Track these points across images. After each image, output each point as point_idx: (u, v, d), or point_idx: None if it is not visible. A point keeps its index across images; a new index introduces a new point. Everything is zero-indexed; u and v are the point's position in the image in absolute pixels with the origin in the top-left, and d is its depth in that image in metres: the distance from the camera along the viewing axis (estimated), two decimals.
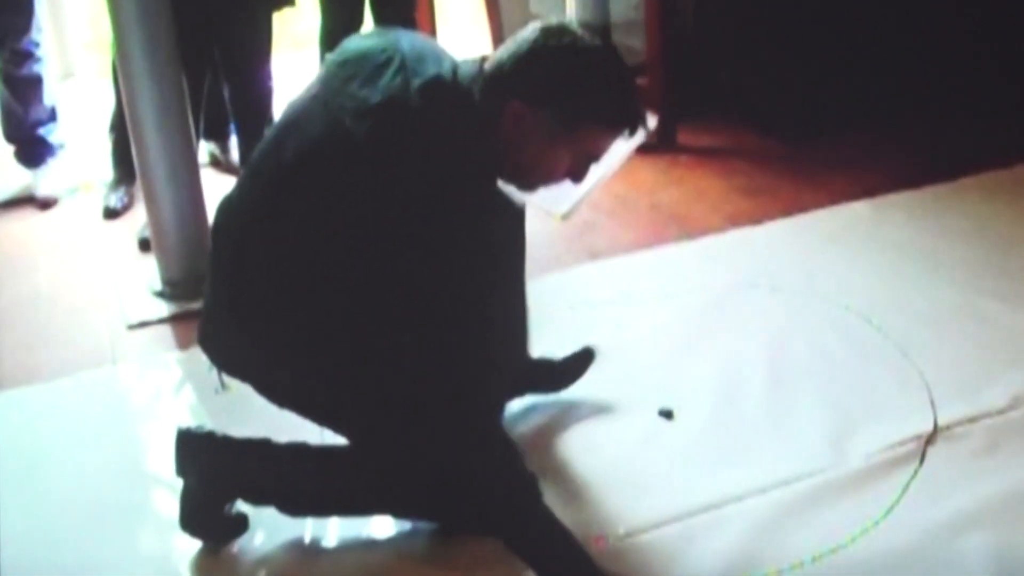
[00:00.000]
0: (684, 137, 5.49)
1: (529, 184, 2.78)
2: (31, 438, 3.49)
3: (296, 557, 2.94)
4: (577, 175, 2.75)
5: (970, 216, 4.50)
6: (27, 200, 5.24)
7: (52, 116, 5.32)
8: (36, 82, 5.19)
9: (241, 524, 2.96)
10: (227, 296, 2.83)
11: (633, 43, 5.56)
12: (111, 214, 5.07)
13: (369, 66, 2.66)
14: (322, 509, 2.97)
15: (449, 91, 2.62)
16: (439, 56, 2.72)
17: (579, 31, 2.65)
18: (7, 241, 4.91)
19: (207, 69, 4.83)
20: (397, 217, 2.53)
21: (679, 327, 3.85)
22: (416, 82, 2.58)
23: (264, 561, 2.93)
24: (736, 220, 4.63)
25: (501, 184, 2.75)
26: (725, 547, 2.84)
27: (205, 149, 5.29)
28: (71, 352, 3.94)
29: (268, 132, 2.90)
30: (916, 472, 3.06)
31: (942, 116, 5.42)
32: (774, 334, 3.75)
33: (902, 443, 3.16)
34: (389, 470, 2.84)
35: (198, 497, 2.93)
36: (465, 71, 2.67)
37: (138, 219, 4.74)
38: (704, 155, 5.38)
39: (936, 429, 3.21)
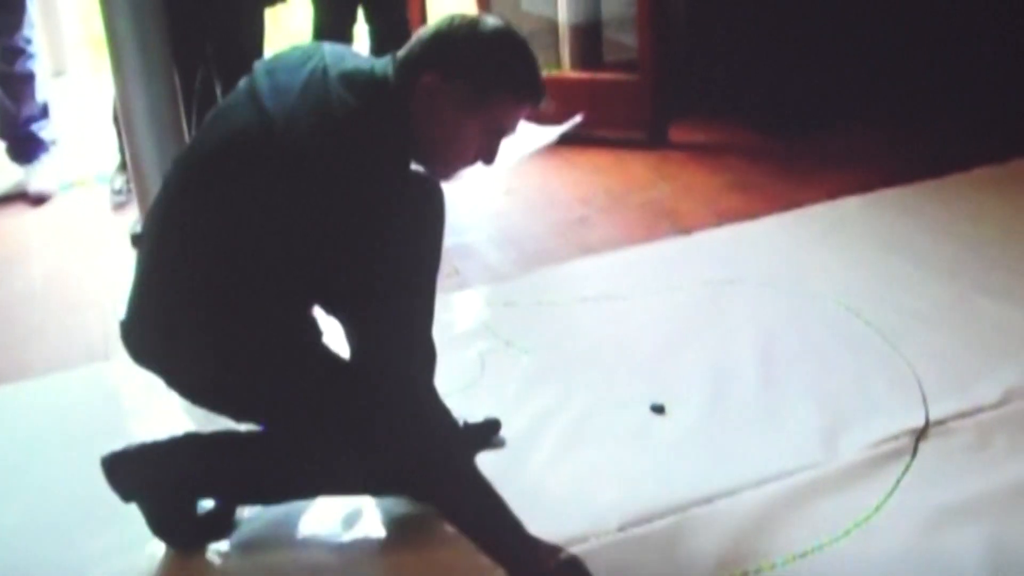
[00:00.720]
0: (676, 133, 5.50)
1: (444, 165, 2.78)
2: (24, 433, 3.50)
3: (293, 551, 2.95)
4: (489, 154, 2.76)
5: (962, 212, 4.51)
6: (20, 196, 5.26)
7: (44, 113, 5.33)
8: (28, 79, 5.20)
9: (224, 521, 2.98)
10: (146, 293, 2.80)
11: (625, 39, 5.58)
12: (118, 194, 5.10)
13: (291, 63, 2.73)
14: (260, 495, 2.98)
15: (365, 78, 2.64)
16: (359, 56, 2.80)
17: (475, 14, 2.76)
18: (0, 238, 4.92)
19: (199, 64, 4.83)
20: (313, 202, 2.53)
21: (671, 322, 3.86)
22: (334, 72, 2.63)
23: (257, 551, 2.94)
24: (728, 216, 4.64)
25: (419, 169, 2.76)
26: (717, 541, 2.84)
27: None
28: (64, 348, 3.94)
29: (192, 137, 2.90)
30: (908, 466, 3.06)
31: (933, 112, 5.43)
32: (766, 329, 3.76)
33: (894, 438, 3.16)
34: (315, 448, 2.82)
35: (159, 510, 2.94)
36: (381, 64, 2.70)
37: (131, 215, 4.74)
38: (696, 151, 5.39)
39: (928, 424, 3.22)
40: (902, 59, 5.46)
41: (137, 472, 2.93)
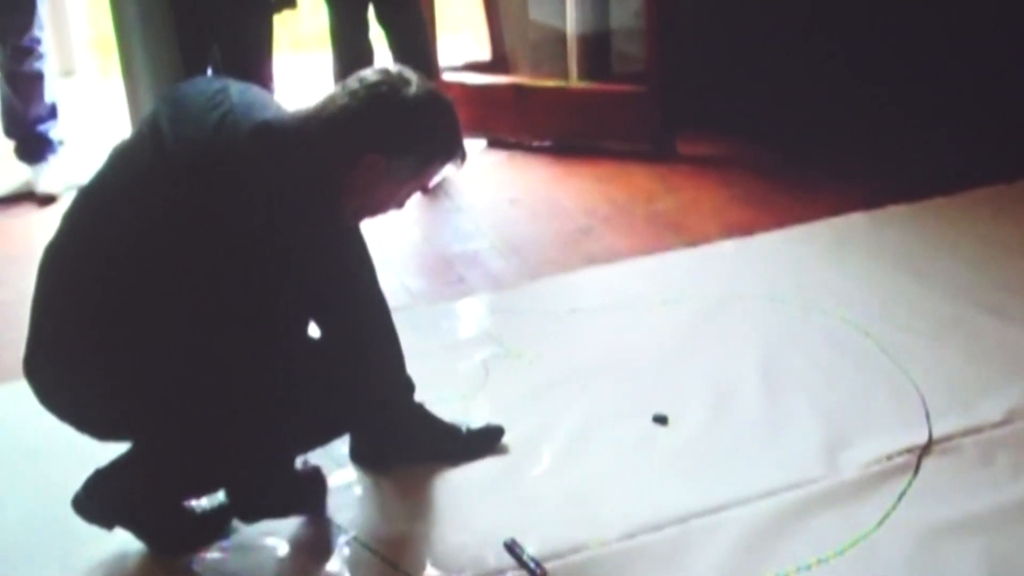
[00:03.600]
0: (682, 146, 5.50)
1: (367, 218, 2.89)
2: (31, 430, 3.49)
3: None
4: (403, 204, 2.91)
5: (968, 230, 4.51)
6: (27, 196, 5.25)
7: (52, 113, 5.33)
8: (37, 79, 5.20)
9: (219, 522, 2.99)
10: (51, 332, 2.82)
11: (633, 51, 5.58)
12: None
13: (197, 109, 2.73)
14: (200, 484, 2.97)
15: (277, 133, 2.68)
16: (266, 104, 2.81)
17: (404, 75, 2.77)
18: (7, 237, 4.92)
19: (207, 69, 4.83)
20: (227, 243, 2.57)
21: (674, 334, 3.86)
22: (245, 125, 2.65)
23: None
24: (733, 229, 4.64)
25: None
26: (718, 554, 2.85)
27: None
28: None
29: (95, 173, 2.89)
30: (910, 483, 3.06)
31: (942, 130, 5.43)
32: (769, 344, 3.76)
33: (897, 454, 3.17)
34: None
35: (142, 527, 2.95)
36: (294, 117, 2.75)
37: None
38: (703, 164, 5.39)
39: (931, 441, 3.22)
40: (912, 76, 5.47)
41: (105, 499, 2.93)
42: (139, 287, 2.63)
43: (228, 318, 2.62)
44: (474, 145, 5.22)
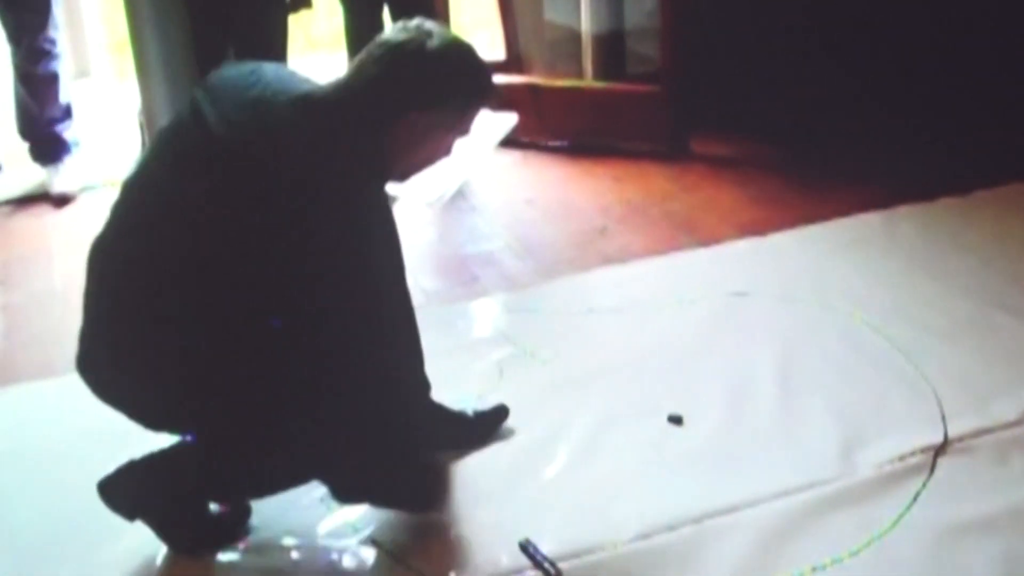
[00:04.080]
0: (697, 145, 5.49)
1: (415, 174, 2.96)
2: (46, 431, 3.51)
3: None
4: (450, 152, 2.96)
5: (983, 229, 4.50)
6: (42, 197, 5.26)
7: (67, 114, 5.34)
8: (52, 80, 5.21)
9: (237, 523, 3.00)
10: (107, 326, 2.83)
11: (647, 51, 5.58)
12: None
13: (235, 89, 2.77)
14: (246, 489, 2.98)
15: (318, 104, 2.74)
16: (300, 80, 2.87)
17: (424, 27, 2.83)
18: (22, 238, 4.94)
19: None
20: (280, 227, 2.59)
21: (689, 334, 3.86)
22: (284, 100, 2.72)
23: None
24: (748, 229, 4.63)
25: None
26: (734, 554, 2.85)
27: None
28: None
29: (135, 164, 2.92)
30: (926, 483, 3.06)
31: (957, 128, 5.41)
32: (784, 343, 3.76)
33: (912, 454, 3.16)
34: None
35: (168, 522, 2.95)
36: (329, 89, 2.79)
37: None
38: (717, 163, 5.38)
39: (946, 441, 3.22)
40: (927, 74, 5.46)
41: (133, 490, 2.93)
42: (192, 274, 2.65)
43: (282, 300, 2.64)
44: (488, 145, 5.22)
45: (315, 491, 3.03)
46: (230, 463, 2.87)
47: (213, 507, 3.04)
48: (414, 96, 2.76)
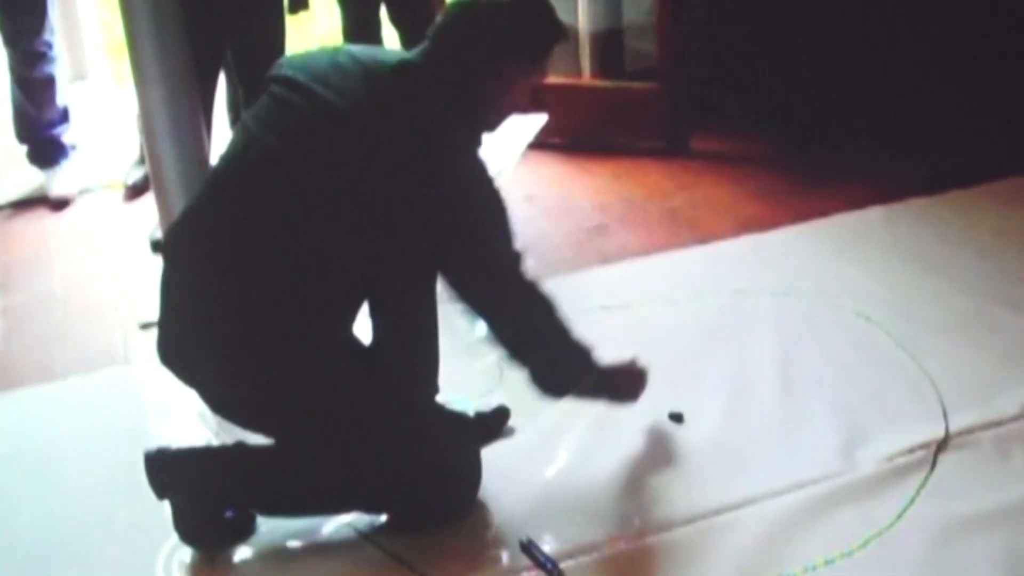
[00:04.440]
0: (697, 142, 5.49)
1: (500, 124, 3.08)
2: (46, 435, 3.51)
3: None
4: (529, 99, 3.08)
5: (985, 224, 4.50)
6: (40, 200, 5.27)
7: (64, 117, 5.34)
8: (49, 83, 5.21)
9: (246, 525, 2.98)
10: (196, 310, 2.83)
11: (646, 47, 5.57)
12: (135, 190, 5.13)
13: (327, 66, 2.87)
14: (297, 507, 2.99)
15: (416, 70, 2.88)
16: (386, 53, 3.06)
17: None
18: (21, 241, 4.94)
19: (218, 74, 4.83)
20: (411, 186, 2.73)
21: (690, 331, 3.86)
22: (383, 70, 2.85)
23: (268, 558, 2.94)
24: (748, 225, 4.63)
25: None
26: (736, 551, 2.84)
27: None
28: (84, 351, 3.96)
29: (227, 148, 2.95)
30: (927, 479, 3.05)
31: (958, 123, 5.41)
32: (786, 339, 3.75)
33: (913, 450, 3.15)
34: (375, 465, 2.90)
35: (188, 512, 2.94)
36: (420, 55, 2.93)
37: (151, 220, 4.75)
38: (716, 160, 5.38)
39: (948, 436, 3.21)
40: (928, 70, 5.45)
41: (176, 473, 2.94)
42: (308, 245, 2.73)
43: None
44: (520, 144, 5.22)
45: None
46: (289, 477, 2.93)
47: None
48: (499, 48, 2.90)
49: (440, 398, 3.24)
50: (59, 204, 5.22)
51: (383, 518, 3.01)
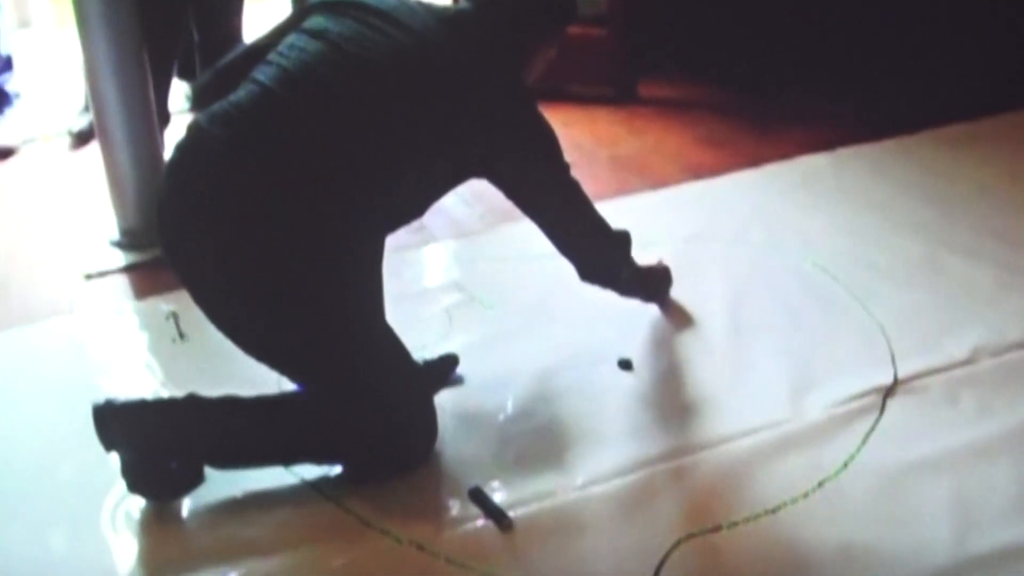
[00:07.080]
0: (644, 89, 5.49)
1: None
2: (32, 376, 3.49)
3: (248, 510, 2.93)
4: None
5: (932, 169, 4.52)
6: None
7: (8, 65, 5.28)
8: None
9: (195, 476, 2.95)
10: (222, 194, 2.75)
11: None
12: (80, 138, 5.08)
13: (402, 8, 2.97)
14: (248, 458, 2.97)
15: (466, 25, 3.00)
16: (429, 6, 3.08)
17: None
18: None
19: (182, 29, 4.78)
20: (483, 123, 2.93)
21: None
22: (434, 22, 2.95)
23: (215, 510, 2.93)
24: (697, 172, 4.63)
25: None
26: (685, 497, 2.85)
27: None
28: (29, 302, 3.92)
29: (267, 76, 2.86)
30: (876, 424, 3.06)
31: (904, 69, 5.42)
32: (734, 286, 3.76)
33: (862, 395, 3.16)
34: (329, 416, 2.90)
35: (136, 464, 2.91)
36: (459, 14, 3.04)
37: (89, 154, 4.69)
38: (666, 107, 5.38)
39: (896, 381, 3.22)
40: (874, 15, 5.45)
41: (124, 425, 2.90)
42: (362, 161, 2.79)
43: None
44: None
45: None
46: (240, 426, 2.93)
47: None
48: (544, 20, 3.16)
49: None
50: (3, 154, 5.16)
51: (334, 471, 2.99)
